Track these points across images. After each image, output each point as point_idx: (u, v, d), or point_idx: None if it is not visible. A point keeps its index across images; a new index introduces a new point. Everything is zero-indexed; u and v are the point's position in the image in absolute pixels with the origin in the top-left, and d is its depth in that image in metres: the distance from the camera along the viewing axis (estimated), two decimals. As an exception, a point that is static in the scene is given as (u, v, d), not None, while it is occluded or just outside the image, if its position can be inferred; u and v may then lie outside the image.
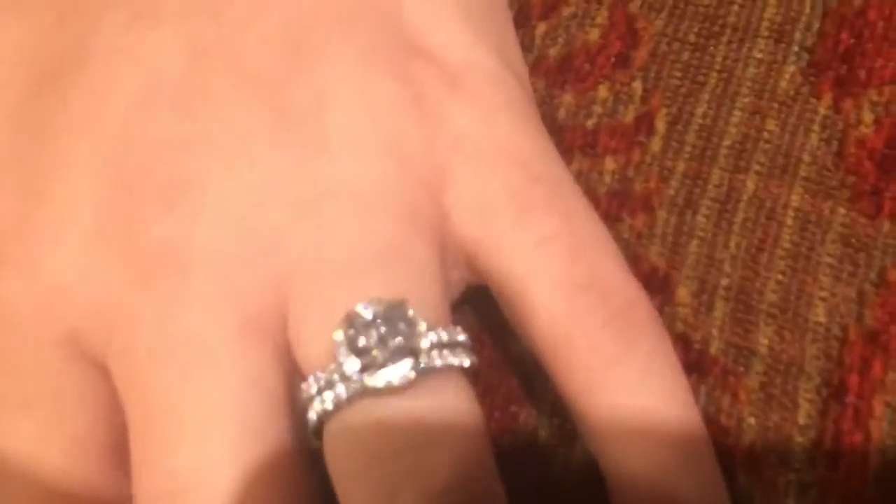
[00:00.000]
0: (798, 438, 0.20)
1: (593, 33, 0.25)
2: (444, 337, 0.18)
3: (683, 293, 0.22)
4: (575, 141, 0.24)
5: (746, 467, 0.20)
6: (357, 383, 0.17)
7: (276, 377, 0.18)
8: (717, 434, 0.20)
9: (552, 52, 0.25)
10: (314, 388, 0.18)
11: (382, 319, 0.18)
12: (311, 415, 0.18)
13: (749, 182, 0.23)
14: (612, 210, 0.23)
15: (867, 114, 0.23)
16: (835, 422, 0.20)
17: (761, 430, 0.20)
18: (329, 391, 0.18)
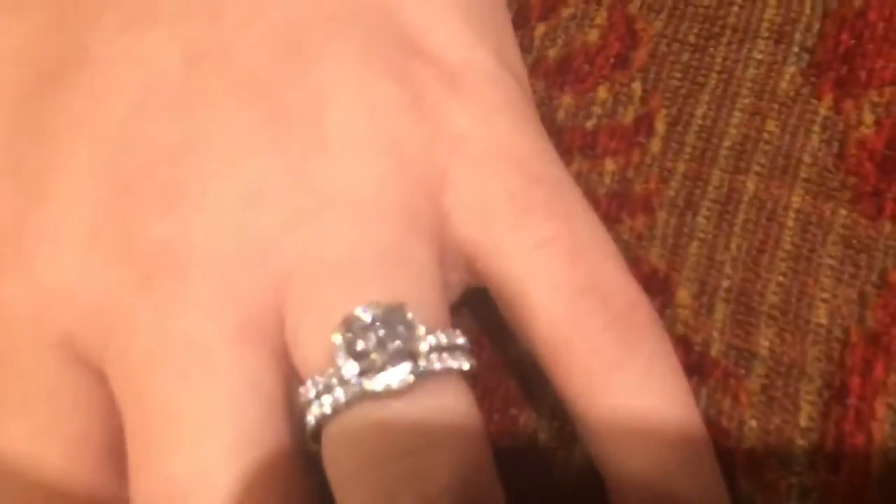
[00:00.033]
0: (799, 441, 0.20)
1: (592, 34, 0.25)
2: (443, 340, 0.18)
3: (684, 295, 0.22)
4: (574, 142, 0.23)
5: (747, 470, 0.20)
6: (356, 387, 0.17)
7: (274, 380, 0.18)
8: (718, 436, 0.20)
9: (551, 53, 0.24)
10: (312, 392, 0.18)
11: (381, 322, 0.17)
12: (310, 418, 0.18)
13: (749, 183, 0.23)
14: (612, 211, 0.23)
15: (868, 115, 0.23)
16: (836, 424, 0.20)
17: (762, 433, 0.20)
18: (327, 395, 0.17)
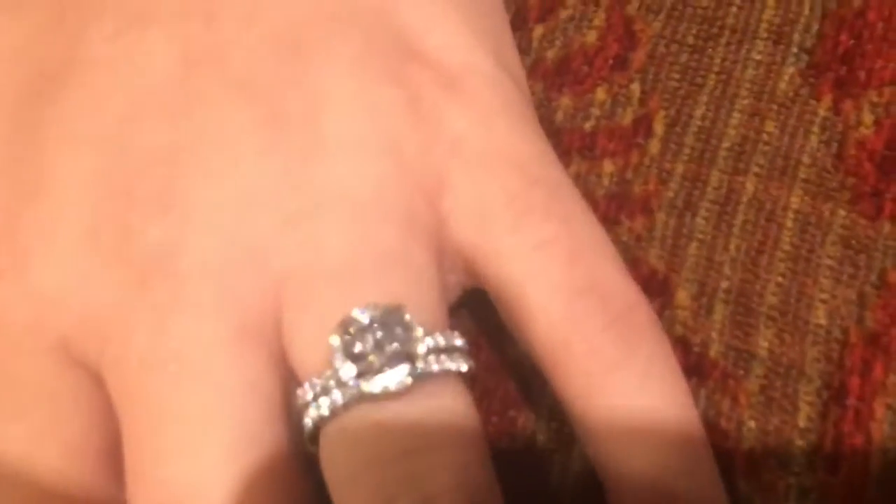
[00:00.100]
0: (798, 442, 0.20)
1: (591, 35, 0.25)
2: (441, 342, 0.18)
3: (683, 296, 0.22)
4: (573, 143, 0.23)
5: (746, 471, 0.20)
6: (353, 389, 0.17)
7: (272, 383, 0.18)
8: (717, 437, 0.20)
9: (550, 55, 0.24)
10: (310, 394, 0.18)
11: (379, 324, 0.17)
12: (307, 421, 0.18)
13: (748, 184, 0.23)
14: (611, 213, 0.23)
15: (867, 115, 0.23)
16: (835, 425, 0.20)
17: (761, 434, 0.20)
18: (325, 397, 0.17)
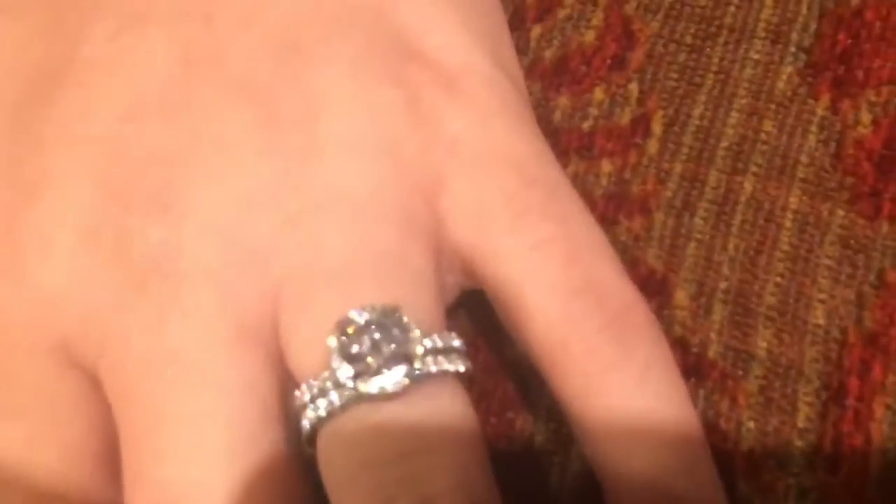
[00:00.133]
0: (797, 442, 0.20)
1: (589, 35, 0.25)
2: (439, 343, 0.18)
3: (681, 296, 0.22)
4: (571, 143, 0.23)
5: (746, 471, 0.20)
6: (351, 390, 0.17)
7: (270, 384, 0.18)
8: (716, 438, 0.20)
9: (548, 55, 0.24)
10: (307, 396, 0.18)
11: (376, 325, 0.17)
12: (305, 422, 0.18)
13: (747, 184, 0.23)
14: (609, 213, 0.23)
15: (865, 114, 0.23)
16: (834, 425, 0.20)
17: (760, 434, 0.20)
18: (322, 398, 0.17)
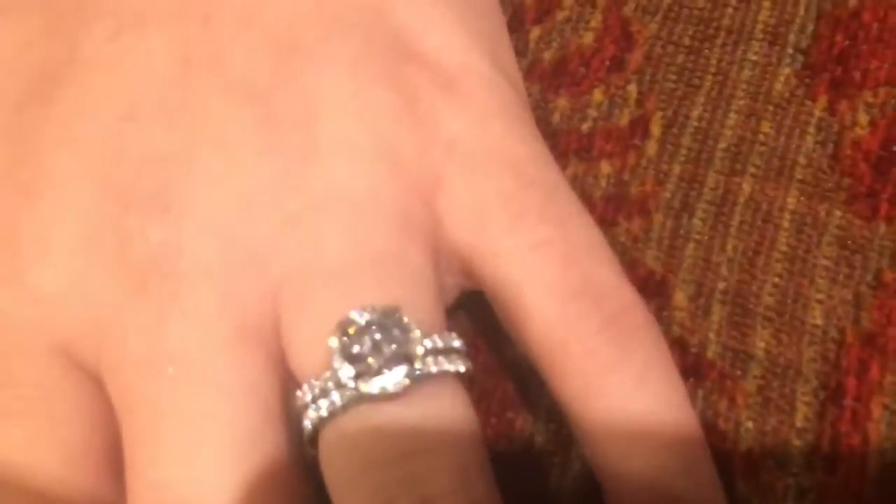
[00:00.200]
0: (796, 442, 0.20)
1: (588, 37, 0.25)
2: (439, 343, 0.18)
3: (680, 297, 0.22)
4: (570, 145, 0.24)
5: (744, 471, 0.20)
6: (352, 390, 0.17)
7: (271, 385, 0.18)
8: (715, 438, 0.20)
9: (547, 56, 0.25)
10: (309, 396, 0.18)
11: (377, 326, 0.18)
12: (306, 423, 0.18)
13: (745, 185, 0.23)
14: (608, 214, 0.23)
15: (862, 115, 0.23)
16: (832, 425, 0.20)
17: (759, 434, 0.20)
18: (324, 399, 0.17)
